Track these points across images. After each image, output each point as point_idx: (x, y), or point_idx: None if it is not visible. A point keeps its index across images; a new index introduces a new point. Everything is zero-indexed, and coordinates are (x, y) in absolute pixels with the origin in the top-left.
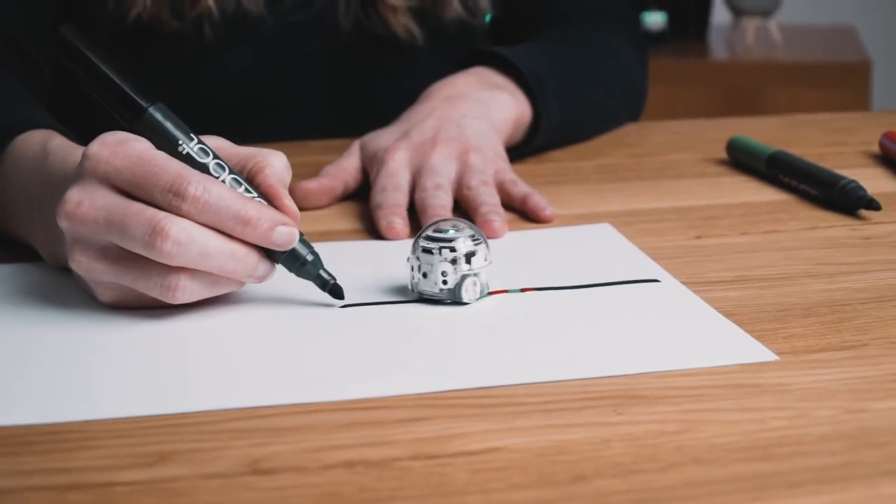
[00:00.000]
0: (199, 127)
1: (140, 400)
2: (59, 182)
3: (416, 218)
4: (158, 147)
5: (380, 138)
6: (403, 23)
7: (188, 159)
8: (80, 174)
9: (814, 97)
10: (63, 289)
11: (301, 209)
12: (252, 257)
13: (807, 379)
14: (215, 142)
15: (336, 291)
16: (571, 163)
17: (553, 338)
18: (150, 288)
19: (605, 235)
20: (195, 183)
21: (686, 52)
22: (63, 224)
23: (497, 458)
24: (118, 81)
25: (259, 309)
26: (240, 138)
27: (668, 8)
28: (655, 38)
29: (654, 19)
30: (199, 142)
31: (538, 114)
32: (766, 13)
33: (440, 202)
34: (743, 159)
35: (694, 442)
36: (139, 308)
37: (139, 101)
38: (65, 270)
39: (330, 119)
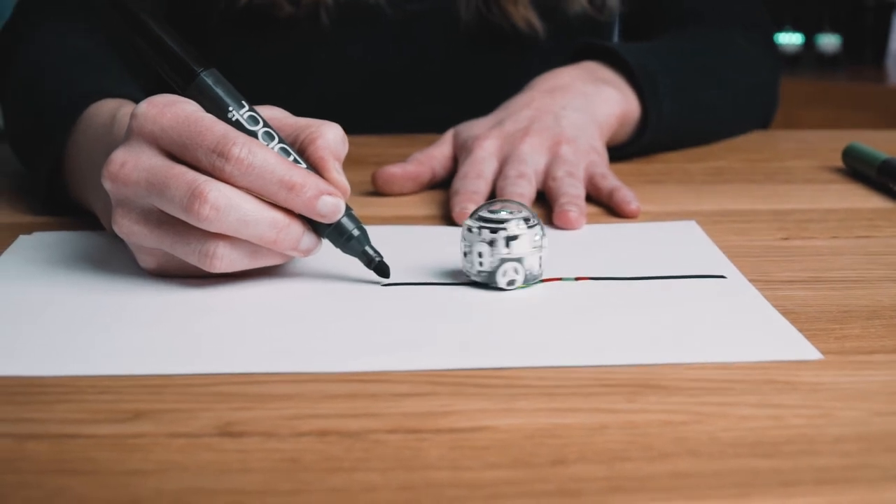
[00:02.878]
0: (314, 117)
1: (128, 360)
2: None
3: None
4: (209, 112)
5: (473, 127)
6: (525, 15)
7: (237, 126)
8: (128, 134)
9: None
10: (109, 256)
11: (385, 195)
12: (295, 228)
13: (845, 379)
14: (270, 111)
15: (381, 269)
16: (680, 164)
17: (584, 325)
18: (189, 254)
19: (686, 232)
20: (240, 144)
21: (861, 76)
22: (107, 185)
23: (481, 436)
24: (171, 44)
25: (297, 282)
26: (355, 130)
27: (843, 31)
28: (830, 61)
29: (829, 41)
30: (251, 109)
31: (647, 110)
32: None
33: (519, 190)
34: (857, 167)
35: (696, 434)
36: (182, 277)
37: (191, 64)
38: (119, 238)
39: (445, 113)
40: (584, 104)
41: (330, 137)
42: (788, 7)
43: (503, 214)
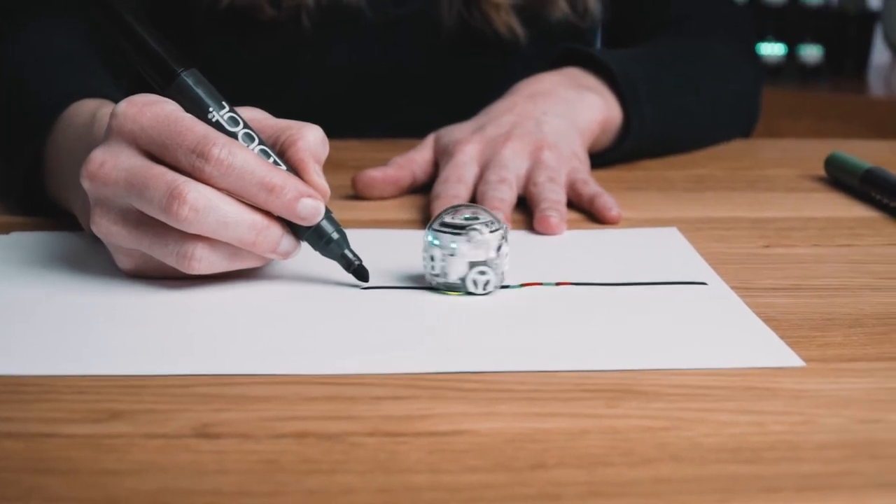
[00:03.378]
0: (297, 119)
1: (106, 360)
2: None
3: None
4: (189, 113)
5: (454, 131)
6: (507, 21)
7: (218, 127)
8: (107, 134)
9: None
10: (86, 257)
11: (366, 198)
12: (274, 231)
13: (827, 387)
14: (251, 113)
15: (361, 273)
16: (661, 171)
17: (564, 330)
18: (167, 255)
19: (668, 239)
20: (220, 145)
21: (843, 87)
22: (85, 184)
23: (460, 440)
24: (153, 44)
25: (276, 284)
26: (337, 133)
27: (825, 43)
28: (812, 72)
29: (811, 53)
30: (231, 110)
31: (629, 118)
32: None
33: (500, 195)
34: (840, 176)
35: (678, 440)
36: (160, 278)
37: (172, 65)
38: (98, 239)
39: (428, 117)
40: (566, 110)
41: (310, 139)
42: (771, 18)
43: (466, 219)
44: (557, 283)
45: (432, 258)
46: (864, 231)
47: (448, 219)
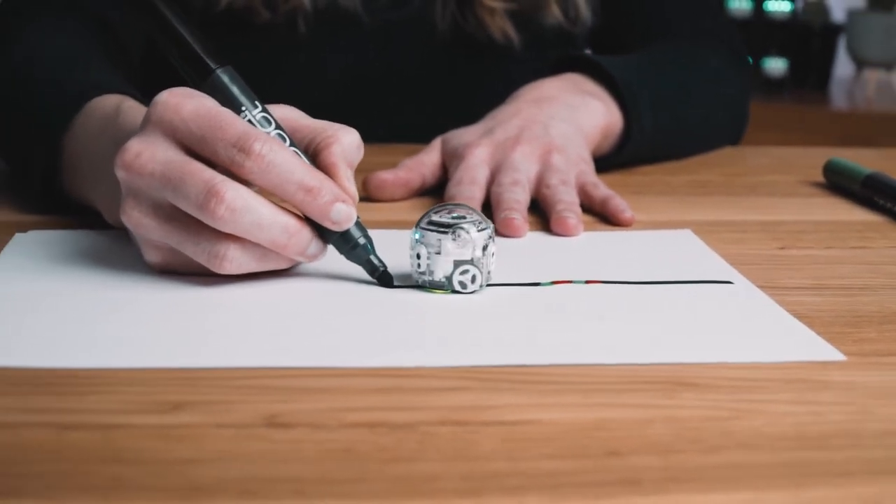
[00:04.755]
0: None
1: (159, 353)
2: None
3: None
4: None
5: (462, 135)
6: (501, 26)
7: None
8: (145, 123)
9: None
10: (110, 254)
11: (376, 200)
12: (305, 234)
13: (874, 379)
14: (287, 111)
15: (385, 279)
16: (660, 177)
17: (607, 324)
18: (198, 253)
19: (684, 241)
20: (262, 141)
21: (806, 100)
22: (119, 174)
23: (529, 429)
24: (189, 40)
25: (308, 282)
26: None
27: (790, 55)
28: (776, 84)
29: (775, 66)
30: (264, 110)
31: (629, 124)
32: (889, 66)
33: (515, 197)
34: (839, 182)
35: (742, 429)
36: (186, 274)
37: (208, 61)
38: (121, 235)
39: (421, 122)
40: (571, 115)
41: (346, 142)
42: (738, 31)
43: (453, 217)
44: (587, 282)
45: (418, 256)
46: (872, 234)
47: (436, 217)
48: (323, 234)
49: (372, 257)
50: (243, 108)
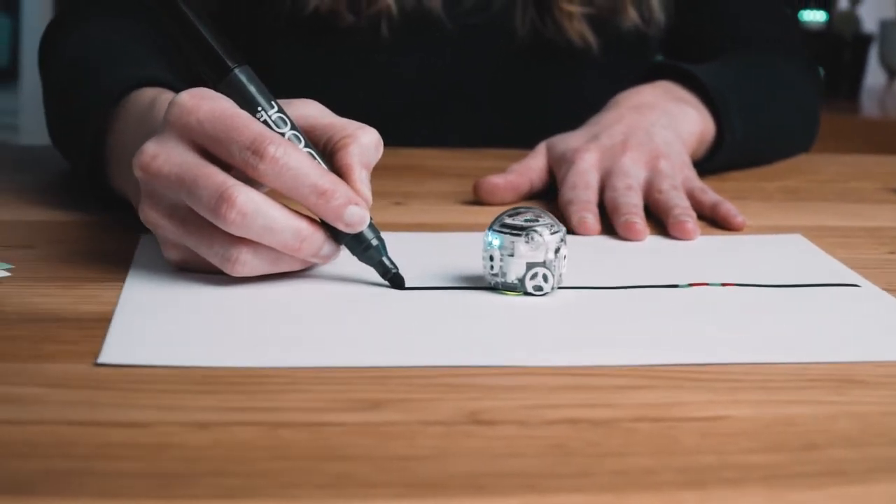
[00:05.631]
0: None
1: (347, 352)
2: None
3: (606, 217)
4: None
5: (568, 140)
6: (579, 30)
7: (265, 126)
8: (163, 124)
9: None
10: None
11: (487, 204)
12: (318, 237)
13: None
14: (308, 108)
15: (396, 281)
16: (753, 183)
17: (764, 325)
18: (212, 256)
19: (798, 245)
20: (276, 144)
21: (837, 108)
22: (137, 174)
23: (724, 424)
24: (208, 38)
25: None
26: (405, 139)
27: (822, 65)
28: None
29: None
30: (280, 110)
31: (721, 131)
32: None
33: (632, 201)
34: None
35: None
36: (206, 272)
37: (226, 60)
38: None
39: (498, 126)
40: (671, 122)
41: (364, 143)
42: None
43: (526, 220)
44: (723, 284)
45: (491, 258)
46: None
47: (509, 220)
48: (335, 234)
49: (384, 259)
50: (259, 108)
